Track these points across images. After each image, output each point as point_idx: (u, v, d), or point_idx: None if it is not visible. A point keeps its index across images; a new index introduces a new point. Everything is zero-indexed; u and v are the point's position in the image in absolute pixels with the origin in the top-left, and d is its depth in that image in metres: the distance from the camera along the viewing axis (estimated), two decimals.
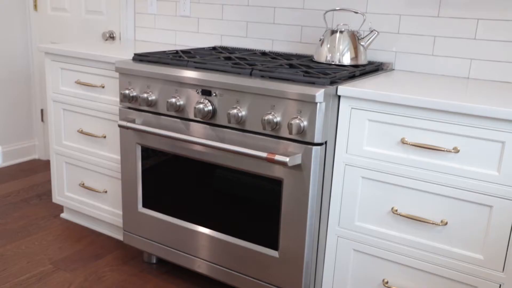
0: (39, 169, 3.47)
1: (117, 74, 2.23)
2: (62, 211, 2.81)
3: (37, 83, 3.54)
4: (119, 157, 2.32)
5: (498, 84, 1.90)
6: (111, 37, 3.03)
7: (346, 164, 1.72)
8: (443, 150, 1.53)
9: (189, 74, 1.85)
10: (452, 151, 1.52)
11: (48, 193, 3.06)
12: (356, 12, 2.03)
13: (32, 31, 3.45)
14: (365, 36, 2.06)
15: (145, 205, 2.13)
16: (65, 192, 2.59)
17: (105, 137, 2.35)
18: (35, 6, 3.39)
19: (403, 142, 1.60)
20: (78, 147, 2.47)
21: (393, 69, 2.18)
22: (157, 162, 2.04)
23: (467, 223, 1.56)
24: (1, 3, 3.29)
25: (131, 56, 2.19)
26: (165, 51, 2.23)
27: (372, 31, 2.05)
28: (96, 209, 2.48)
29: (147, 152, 2.06)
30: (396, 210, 1.66)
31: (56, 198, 2.64)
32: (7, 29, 3.35)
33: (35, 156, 3.69)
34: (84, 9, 3.16)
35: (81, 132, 2.41)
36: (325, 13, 2.12)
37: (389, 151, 1.64)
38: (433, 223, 1.60)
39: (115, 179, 2.38)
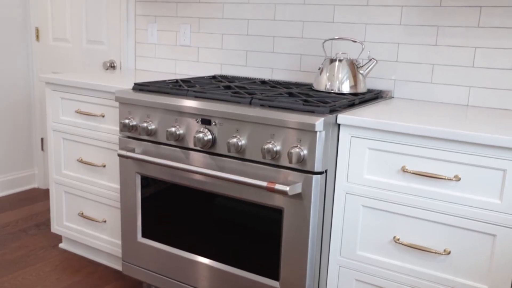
0: (38, 198, 3.45)
1: (117, 104, 2.24)
2: (60, 241, 2.78)
3: (37, 112, 3.56)
4: (118, 186, 2.31)
5: (497, 112, 1.91)
6: (112, 66, 3.05)
7: (346, 193, 1.71)
8: (444, 178, 1.52)
9: (189, 103, 1.86)
10: (453, 179, 1.51)
11: (47, 222, 3.04)
12: (355, 41, 2.05)
13: (33, 61, 3.48)
14: (364, 65, 2.07)
15: (144, 235, 2.10)
16: (64, 221, 2.57)
17: (104, 166, 2.34)
18: (37, 37, 3.43)
19: (403, 170, 1.59)
20: (78, 176, 2.46)
21: (392, 97, 2.19)
22: (157, 191, 2.03)
23: (470, 252, 1.53)
24: (4, 34, 3.33)
25: (131, 85, 2.20)
26: (165, 80, 2.25)
27: (371, 60, 2.06)
28: (95, 239, 2.46)
29: (146, 181, 2.05)
30: (398, 239, 1.64)
31: (55, 228, 2.62)
32: (9, 59, 3.38)
33: (35, 185, 3.68)
34: (85, 39, 3.19)
35: (81, 161, 2.41)
36: (324, 42, 2.14)
37: (389, 180, 1.63)
38: (436, 252, 1.57)
39: (114, 209, 2.36)
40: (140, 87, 2.09)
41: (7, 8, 3.32)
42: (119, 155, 2.00)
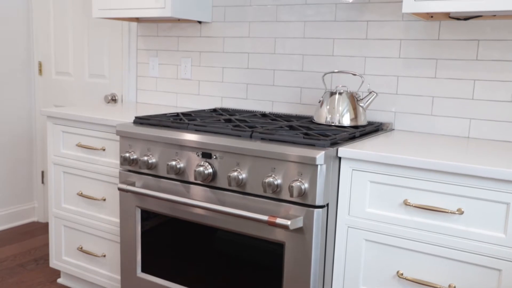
0: (37, 232, 3.42)
1: (118, 137, 2.24)
2: (59, 276, 2.74)
3: (39, 145, 3.56)
4: (118, 220, 2.29)
5: (498, 144, 1.90)
6: (113, 99, 3.07)
7: (348, 227, 1.69)
8: (447, 212, 1.51)
9: (190, 137, 1.86)
10: (456, 212, 1.50)
11: (46, 257, 3.00)
12: (355, 74, 2.06)
13: (36, 95, 3.51)
14: (364, 97, 2.08)
15: (144, 269, 2.07)
16: (62, 256, 2.54)
17: (104, 200, 2.33)
18: (40, 71, 3.46)
19: (406, 203, 1.57)
20: (77, 210, 2.44)
21: (393, 129, 2.19)
22: (157, 225, 2.01)
23: (476, 287, 1.50)
24: (8, 68, 3.36)
25: (132, 118, 2.21)
26: (166, 114, 2.25)
27: (370, 92, 2.07)
28: (94, 274, 2.42)
29: (147, 215, 2.03)
30: (402, 274, 1.61)
31: (53, 262, 2.58)
32: (12, 93, 3.41)
33: (34, 218, 3.65)
34: (87, 73, 3.22)
35: (81, 195, 2.39)
36: (323, 75, 2.15)
37: (392, 213, 1.61)
38: None
39: (114, 243, 2.33)
40: (141, 121, 2.09)
41: (11, 43, 3.36)
42: (119, 189, 1.99)
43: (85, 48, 3.21)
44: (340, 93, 2.04)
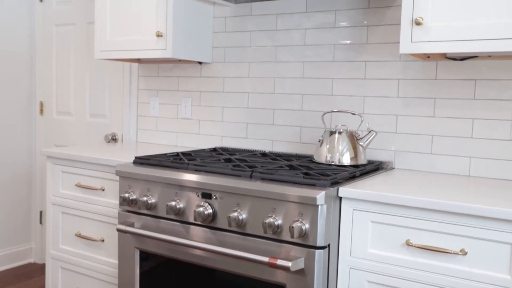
0: (34, 273, 3.36)
1: (117, 177, 2.23)
2: None
3: (38, 185, 3.55)
4: (117, 262, 2.26)
5: (499, 182, 1.89)
6: (114, 139, 3.08)
7: (350, 268, 1.66)
8: (450, 252, 1.48)
9: (189, 177, 1.85)
10: (460, 253, 1.47)
11: None
12: (354, 114, 2.08)
13: (36, 135, 3.52)
14: (364, 136, 2.09)
15: None
16: None
17: (103, 240, 2.30)
18: (41, 110, 3.49)
19: (408, 244, 1.55)
20: (75, 251, 2.40)
21: (393, 168, 2.18)
22: (156, 266, 1.98)
23: None
24: (9, 108, 3.39)
25: (132, 158, 2.21)
26: (166, 154, 2.25)
27: (370, 131, 2.08)
28: None
29: (146, 256, 2.00)
30: None
31: None
32: (12, 133, 3.42)
33: (31, 259, 3.60)
34: (88, 113, 3.24)
35: (79, 235, 2.36)
36: (323, 115, 2.16)
37: (394, 254, 1.59)
38: None
39: (112, 285, 2.29)
40: (140, 161, 2.09)
41: (14, 84, 3.40)
42: (118, 230, 1.97)
43: (86, 88, 3.25)
44: (339, 132, 2.05)
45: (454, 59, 2.03)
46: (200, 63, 2.74)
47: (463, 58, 2.02)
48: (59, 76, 3.39)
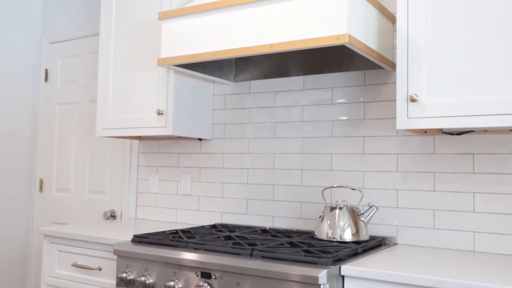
0: None
1: (115, 256, 2.18)
2: None
3: (33, 264, 3.47)
4: None
5: (505, 258, 1.85)
6: (112, 216, 3.05)
7: None
8: None
9: (188, 256, 1.81)
10: None
11: None
12: (354, 189, 2.07)
13: (35, 212, 3.49)
14: (365, 212, 2.07)
15: None
16: None
17: None
18: (41, 188, 3.48)
19: None
20: None
21: (396, 243, 2.14)
22: None
23: None
24: (8, 186, 3.38)
25: (130, 236, 2.17)
26: (164, 231, 2.22)
27: (371, 207, 2.06)
28: None
29: None
30: None
31: None
32: (11, 210, 3.39)
33: None
34: (88, 190, 3.24)
35: None
36: (323, 190, 2.16)
37: None
38: None
39: None
40: (139, 239, 2.06)
41: (15, 162, 3.42)
42: None
43: (86, 164, 3.26)
44: (340, 208, 2.03)
45: (451, 133, 2.06)
46: (200, 139, 2.78)
47: (460, 132, 2.04)
48: (60, 153, 3.42)
